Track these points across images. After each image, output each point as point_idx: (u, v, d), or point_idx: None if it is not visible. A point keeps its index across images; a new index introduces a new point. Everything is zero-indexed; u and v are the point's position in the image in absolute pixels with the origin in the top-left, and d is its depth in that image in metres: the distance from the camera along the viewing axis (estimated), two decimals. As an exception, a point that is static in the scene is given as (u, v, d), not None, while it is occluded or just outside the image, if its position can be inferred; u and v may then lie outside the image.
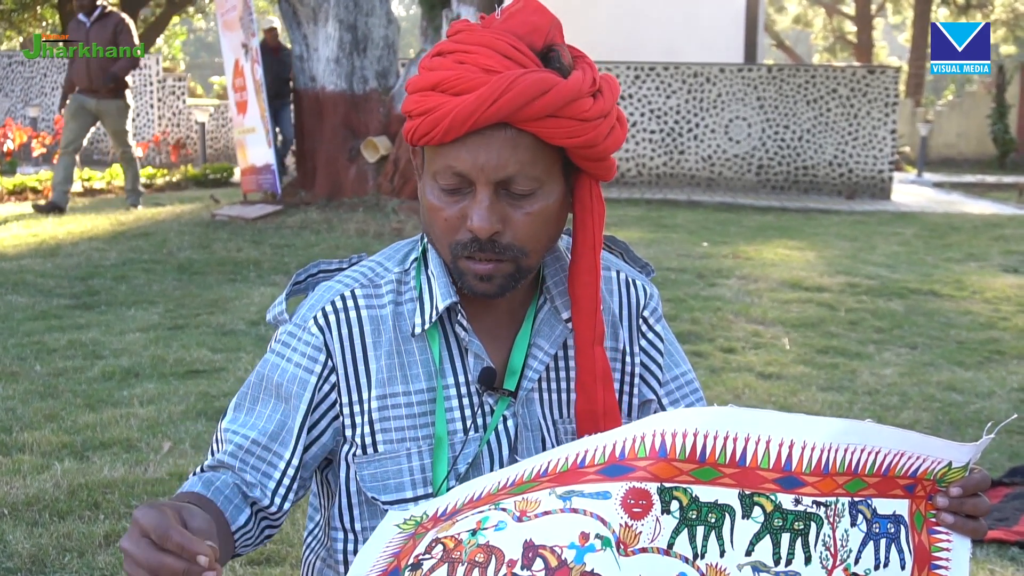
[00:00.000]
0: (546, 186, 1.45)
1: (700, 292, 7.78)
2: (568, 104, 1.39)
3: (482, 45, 1.40)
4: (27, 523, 3.53)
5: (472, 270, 1.46)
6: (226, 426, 1.53)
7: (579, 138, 1.41)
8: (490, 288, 1.47)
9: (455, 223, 1.45)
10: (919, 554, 1.37)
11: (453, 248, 1.46)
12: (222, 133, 20.87)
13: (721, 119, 16.87)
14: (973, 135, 25.98)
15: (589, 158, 1.46)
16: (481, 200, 1.41)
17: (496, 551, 1.23)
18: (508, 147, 1.40)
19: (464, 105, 1.37)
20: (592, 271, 1.52)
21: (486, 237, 1.42)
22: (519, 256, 1.46)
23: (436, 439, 1.50)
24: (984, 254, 10.53)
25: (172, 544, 1.15)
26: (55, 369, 5.39)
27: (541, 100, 1.37)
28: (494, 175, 1.40)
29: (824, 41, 46.36)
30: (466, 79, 1.38)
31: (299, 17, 11.21)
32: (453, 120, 1.37)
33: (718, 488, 1.28)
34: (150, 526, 1.17)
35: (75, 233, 9.91)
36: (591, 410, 1.53)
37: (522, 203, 1.44)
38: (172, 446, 4.31)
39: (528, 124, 1.39)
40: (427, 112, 1.40)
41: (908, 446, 1.35)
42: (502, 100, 1.36)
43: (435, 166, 1.44)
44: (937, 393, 5.40)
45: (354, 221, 10.24)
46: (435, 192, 1.46)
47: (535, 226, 1.45)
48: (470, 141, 1.39)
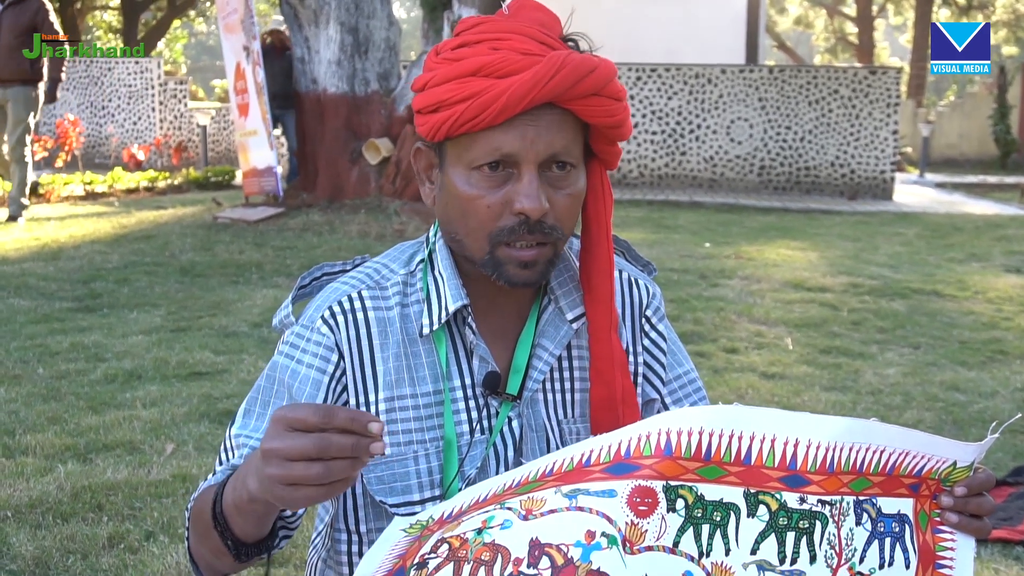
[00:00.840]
0: (579, 168, 1.48)
1: (703, 293, 7.77)
2: (608, 83, 1.43)
3: (513, 32, 1.43)
4: (31, 525, 3.53)
5: (515, 257, 1.45)
6: (237, 432, 1.50)
7: (615, 117, 1.46)
8: (532, 275, 1.47)
9: (497, 209, 1.44)
10: (923, 553, 1.36)
11: (495, 236, 1.45)
12: (224, 136, 20.88)
13: (723, 120, 16.87)
14: (975, 136, 25.97)
15: (611, 140, 1.50)
16: (529, 181, 1.42)
17: (502, 550, 1.23)
18: (555, 125, 1.42)
19: (522, 83, 1.38)
20: (606, 259, 1.54)
21: (537, 217, 1.43)
22: (560, 239, 1.47)
23: (446, 442, 1.49)
24: (986, 254, 10.52)
25: (340, 419, 1.12)
26: (58, 372, 5.39)
27: (590, 78, 1.40)
28: (544, 153, 1.42)
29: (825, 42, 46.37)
30: (511, 61, 1.40)
31: (300, 19, 11.21)
32: (509, 99, 1.38)
33: (723, 487, 1.28)
34: (306, 412, 1.13)
35: (77, 236, 9.92)
36: (609, 397, 1.53)
37: (562, 184, 1.45)
38: (175, 448, 4.31)
39: (573, 102, 1.42)
40: (473, 96, 1.40)
41: (913, 445, 1.35)
42: (558, 77, 1.38)
43: (473, 153, 1.43)
44: (940, 393, 5.40)
45: (356, 223, 10.24)
46: (472, 181, 1.45)
47: (573, 208, 1.48)
48: (518, 121, 1.41)
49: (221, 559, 1.38)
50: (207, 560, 1.41)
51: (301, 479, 1.13)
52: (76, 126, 16.23)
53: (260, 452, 1.17)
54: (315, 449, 1.12)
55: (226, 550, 1.34)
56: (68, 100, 20.16)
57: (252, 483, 1.20)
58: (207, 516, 1.35)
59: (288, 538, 1.49)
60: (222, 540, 1.33)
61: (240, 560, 1.36)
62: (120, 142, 19.28)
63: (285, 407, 1.15)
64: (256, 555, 1.38)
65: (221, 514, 1.32)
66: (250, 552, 1.36)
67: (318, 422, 1.13)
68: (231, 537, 1.33)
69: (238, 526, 1.32)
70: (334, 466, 1.14)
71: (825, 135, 16.72)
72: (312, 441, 1.12)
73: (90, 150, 19.23)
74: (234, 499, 1.28)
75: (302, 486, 1.14)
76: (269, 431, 1.16)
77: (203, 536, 1.38)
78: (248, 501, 1.24)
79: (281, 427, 1.14)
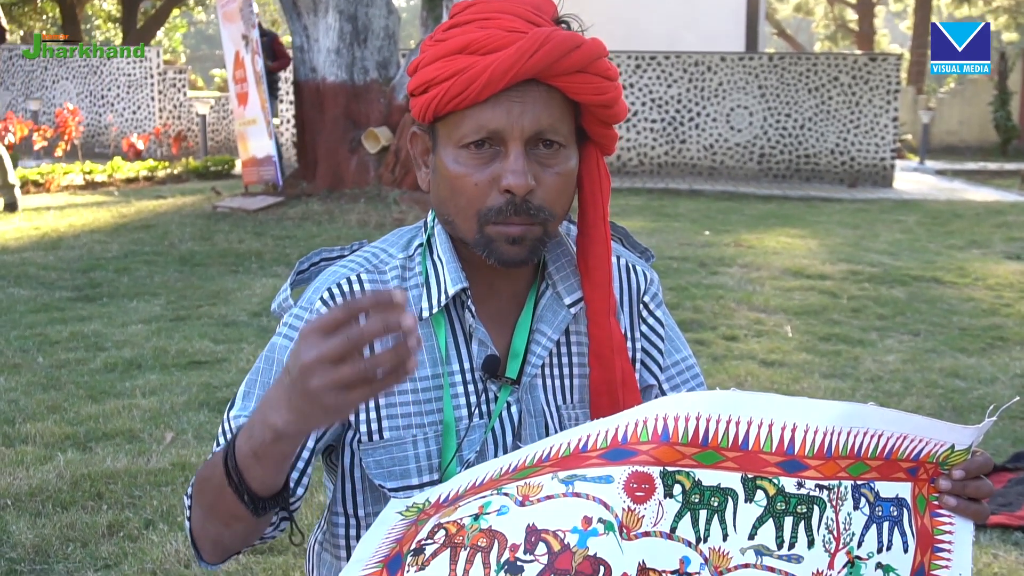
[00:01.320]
0: (569, 147, 1.47)
1: (702, 280, 7.77)
2: (595, 60, 1.43)
3: (503, 12, 1.43)
4: (30, 514, 3.54)
5: (504, 233, 1.44)
6: (236, 414, 1.49)
7: (604, 95, 1.45)
8: (520, 252, 1.46)
9: (485, 188, 1.44)
10: (922, 537, 1.36)
11: (483, 215, 1.44)
12: (223, 125, 20.85)
13: (722, 108, 16.84)
14: (975, 122, 25.93)
15: (604, 120, 1.49)
16: (515, 158, 1.42)
17: (499, 535, 1.23)
18: (541, 101, 1.42)
19: (504, 58, 1.38)
20: (603, 242, 1.53)
21: (523, 195, 1.42)
22: (548, 219, 1.46)
23: (444, 426, 1.49)
24: (986, 241, 10.51)
25: (364, 302, 1.10)
26: (57, 361, 5.39)
27: (575, 54, 1.40)
28: (529, 128, 1.42)
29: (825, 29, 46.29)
30: (496, 37, 1.40)
31: (299, 8, 11.19)
32: (492, 74, 1.39)
33: (721, 472, 1.28)
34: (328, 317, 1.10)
35: (77, 226, 9.91)
36: (608, 380, 1.52)
37: (550, 162, 1.45)
38: (174, 437, 4.31)
39: (559, 79, 1.41)
40: (458, 73, 1.41)
41: (911, 429, 1.34)
42: (540, 52, 1.38)
43: (461, 131, 1.44)
44: (940, 379, 5.40)
45: (355, 212, 10.23)
46: (460, 159, 1.45)
47: (563, 187, 1.47)
48: (503, 97, 1.41)
49: (233, 525, 1.36)
50: (215, 535, 1.40)
51: (351, 377, 1.11)
52: (75, 115, 16.23)
53: (298, 370, 1.13)
54: (356, 340, 1.10)
55: (242, 508, 1.31)
56: (67, 90, 20.14)
57: (279, 417, 1.18)
58: (218, 477, 1.31)
59: (288, 519, 1.47)
60: (238, 496, 1.30)
61: (258, 514, 1.32)
62: (119, 131, 19.25)
63: (309, 321, 1.14)
64: (273, 507, 1.34)
65: (236, 468, 1.29)
66: (267, 506, 1.33)
67: (345, 316, 1.10)
68: (247, 491, 1.30)
69: (256, 477, 1.29)
70: (379, 355, 1.11)
71: (825, 122, 16.70)
72: (350, 335, 1.10)
73: (89, 139, 19.21)
74: (252, 446, 1.26)
75: (353, 388, 1.12)
76: (299, 347, 1.13)
77: (213, 505, 1.36)
78: (272, 442, 1.22)
79: (312, 338, 1.12)
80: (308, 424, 1.18)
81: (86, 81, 20.13)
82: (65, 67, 20.26)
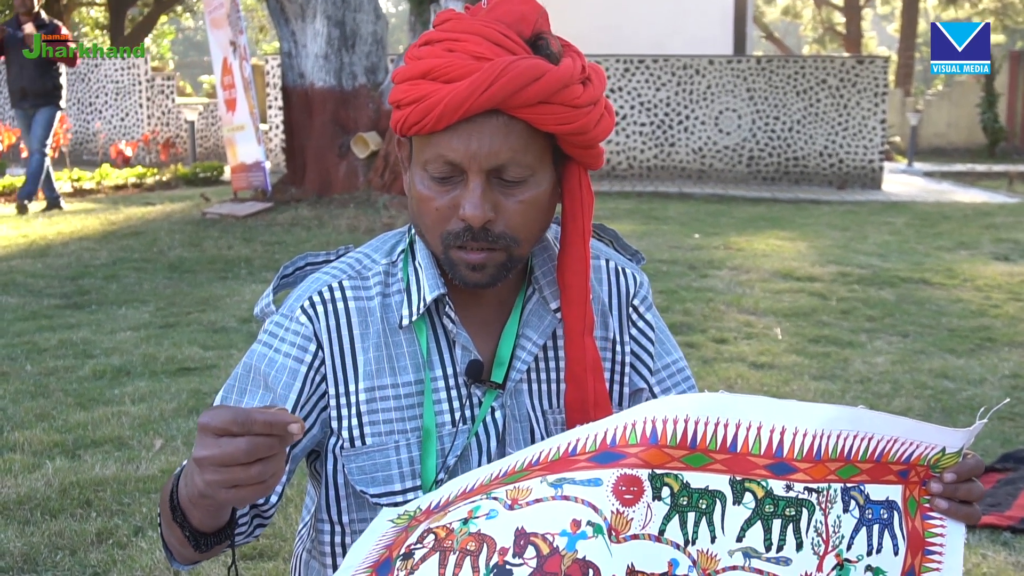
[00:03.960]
0: (538, 174, 1.44)
1: (692, 283, 7.78)
2: (560, 91, 1.38)
3: (471, 33, 1.40)
4: (19, 522, 3.52)
5: (464, 260, 1.44)
6: None
7: (571, 125, 1.41)
8: (482, 278, 1.45)
9: (446, 213, 1.43)
10: (913, 540, 1.36)
11: (444, 238, 1.44)
12: (212, 131, 20.82)
13: (711, 111, 16.87)
14: (963, 124, 26.00)
15: (580, 145, 1.46)
16: (473, 189, 1.40)
17: (487, 539, 1.23)
18: (500, 134, 1.39)
19: (457, 92, 1.36)
20: (582, 260, 1.51)
21: (479, 226, 1.41)
22: (511, 245, 1.44)
23: (424, 432, 1.48)
24: (975, 242, 10.54)
25: (259, 425, 1.14)
26: (46, 368, 5.37)
27: (534, 86, 1.36)
28: (486, 163, 1.39)
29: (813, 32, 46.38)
30: (457, 66, 1.37)
31: (287, 14, 11.18)
32: (446, 107, 1.36)
33: (709, 474, 1.28)
34: (227, 420, 1.14)
35: (65, 233, 9.88)
36: (582, 399, 1.52)
37: (514, 191, 1.43)
38: (164, 443, 4.30)
39: (520, 111, 1.38)
40: (417, 100, 1.39)
41: (901, 432, 1.34)
42: (495, 86, 1.35)
43: (425, 155, 1.43)
44: (929, 381, 5.41)
45: (345, 217, 10.22)
46: (425, 182, 1.44)
47: (527, 215, 1.44)
48: (462, 128, 1.38)
49: (186, 549, 1.39)
50: (176, 548, 1.42)
51: (240, 481, 1.16)
52: (63, 123, 16.17)
53: (193, 461, 1.18)
54: (245, 454, 1.14)
55: (186, 540, 1.35)
56: (55, 96, 20.07)
57: (199, 481, 1.21)
58: (166, 508, 1.36)
59: (263, 527, 1.49)
60: (181, 531, 1.35)
61: (200, 551, 1.37)
62: (108, 138, 19.22)
63: (207, 414, 1.17)
64: (216, 544, 1.39)
65: (179, 506, 1.33)
66: (210, 542, 1.38)
67: (239, 431, 1.14)
68: (189, 528, 1.34)
69: (195, 518, 1.33)
70: (268, 464, 1.16)
71: (813, 125, 16.73)
72: (243, 446, 1.14)
73: (78, 147, 19.16)
74: (187, 493, 1.29)
75: (243, 487, 1.16)
76: (198, 440, 1.17)
77: (167, 526, 1.39)
78: (199, 496, 1.24)
79: (208, 435, 1.16)
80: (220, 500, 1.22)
81: (74, 88, 20.08)
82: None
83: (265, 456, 1.16)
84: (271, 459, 1.17)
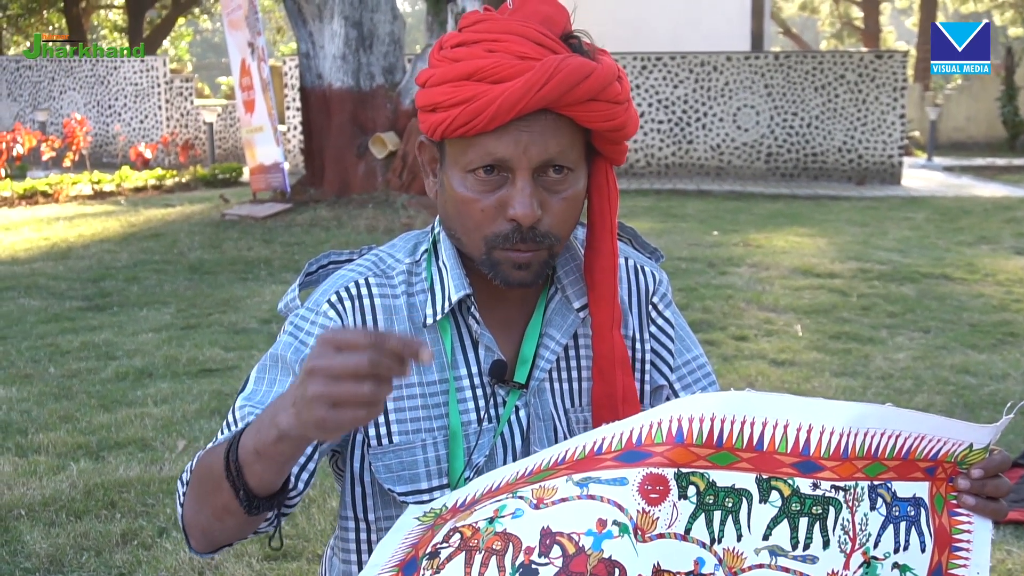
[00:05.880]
0: (577, 170, 1.46)
1: (711, 281, 7.76)
2: (606, 88, 1.40)
3: (510, 33, 1.41)
4: (44, 523, 3.54)
5: (511, 259, 1.44)
6: (241, 403, 1.47)
7: (614, 121, 1.43)
8: (527, 276, 1.46)
9: (492, 214, 1.43)
10: (940, 537, 1.35)
11: (490, 240, 1.44)
12: (230, 133, 20.90)
13: (729, 108, 16.83)
14: (983, 118, 25.85)
15: (614, 141, 1.48)
16: (522, 188, 1.40)
17: (513, 538, 1.23)
18: (550, 131, 1.40)
19: (512, 91, 1.36)
20: (610, 255, 1.52)
21: (529, 224, 1.41)
22: (554, 243, 1.45)
23: (450, 431, 1.49)
24: (996, 237, 10.49)
25: (392, 341, 1.10)
26: (69, 371, 5.40)
27: (584, 84, 1.38)
28: (536, 160, 1.40)
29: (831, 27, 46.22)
30: (505, 66, 1.38)
31: (304, 15, 11.21)
32: (500, 107, 1.37)
33: (735, 473, 1.27)
34: (353, 336, 1.10)
35: (86, 235, 9.94)
36: (609, 394, 1.52)
37: (559, 188, 1.44)
38: (187, 444, 4.31)
39: (570, 108, 1.40)
40: (465, 102, 1.39)
41: (928, 429, 1.33)
42: (550, 84, 1.36)
43: (469, 156, 1.42)
44: (951, 376, 5.38)
45: (364, 217, 10.25)
46: (467, 184, 1.44)
47: (569, 211, 1.46)
48: (512, 127, 1.39)
49: (224, 519, 1.34)
50: (205, 525, 1.38)
51: (348, 397, 1.11)
52: (83, 125, 16.28)
53: (303, 372, 1.14)
54: (368, 366, 1.10)
55: (236, 504, 1.29)
56: (75, 100, 20.20)
57: (284, 418, 1.18)
58: (217, 469, 1.30)
59: (283, 518, 1.46)
60: (233, 491, 1.29)
61: (250, 513, 1.31)
62: (127, 141, 19.31)
63: (332, 330, 1.13)
64: (267, 509, 1.33)
65: (236, 462, 1.28)
66: (261, 505, 1.31)
67: (368, 344, 1.10)
68: (243, 487, 1.29)
69: (255, 475, 1.27)
70: (380, 388, 1.11)
71: (832, 120, 16.67)
72: (365, 358, 1.10)
73: (97, 149, 19.26)
74: (255, 443, 1.25)
75: (346, 407, 1.12)
76: (315, 351, 1.13)
77: (207, 495, 1.34)
78: (275, 441, 1.21)
79: (330, 347, 1.12)
80: (306, 432, 1.18)
81: (93, 91, 20.19)
82: (72, 77, 20.32)
83: (383, 376, 1.11)
84: (383, 383, 1.12)
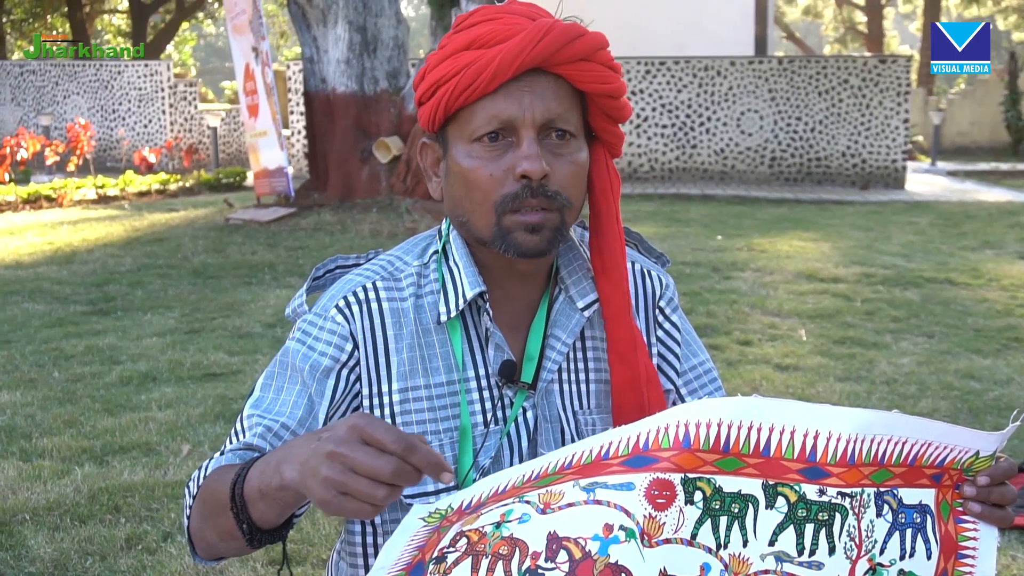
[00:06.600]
0: (579, 138, 1.50)
1: (715, 285, 7.76)
2: (599, 50, 1.46)
3: (506, 12, 1.47)
4: (49, 528, 3.55)
5: (522, 222, 1.45)
6: (249, 412, 1.48)
7: (609, 85, 1.48)
8: (539, 242, 1.46)
9: (500, 177, 1.45)
10: (946, 544, 1.35)
11: (500, 204, 1.45)
12: (234, 137, 20.92)
13: (733, 112, 16.83)
14: (986, 123, 25.85)
15: (611, 115, 1.52)
16: (528, 144, 1.44)
17: (520, 543, 1.23)
18: (550, 90, 1.45)
19: (510, 47, 1.42)
20: (617, 240, 1.54)
21: (538, 178, 1.43)
22: (564, 206, 1.47)
23: (461, 432, 1.49)
24: (1000, 241, 10.48)
25: (419, 454, 1.11)
26: (73, 375, 5.41)
27: (579, 42, 1.44)
28: (540, 117, 1.44)
29: (835, 32, 46.18)
30: (500, 31, 1.44)
31: (308, 19, 11.22)
32: (500, 63, 1.41)
33: (742, 478, 1.27)
34: (387, 434, 1.10)
35: (90, 240, 9.95)
36: (632, 378, 1.53)
37: (562, 151, 1.47)
38: (191, 449, 4.32)
39: (565, 67, 1.44)
40: (466, 67, 1.44)
41: (935, 436, 1.33)
42: (546, 39, 1.42)
43: (473, 124, 1.46)
44: (955, 381, 5.37)
45: (368, 222, 10.25)
46: (474, 153, 1.46)
47: (577, 176, 1.49)
48: (513, 87, 1.44)
49: (228, 543, 1.36)
50: (209, 541, 1.39)
51: (358, 494, 1.11)
52: (87, 130, 16.30)
53: (325, 451, 1.13)
54: (390, 474, 1.10)
55: (239, 534, 1.31)
56: (79, 104, 20.23)
57: (290, 472, 1.18)
58: (223, 497, 1.31)
59: (291, 527, 1.46)
60: (236, 523, 1.30)
61: (252, 545, 1.33)
62: (131, 145, 19.33)
63: (366, 418, 1.13)
64: (268, 542, 1.34)
65: (240, 496, 1.29)
66: (263, 539, 1.33)
67: (397, 451, 1.11)
68: (247, 520, 1.30)
69: (258, 511, 1.29)
70: (392, 493, 1.12)
71: (836, 125, 16.67)
72: (391, 465, 1.10)
73: (101, 154, 19.28)
74: (260, 484, 1.25)
75: (353, 499, 1.12)
76: (342, 436, 1.13)
77: (211, 517, 1.35)
78: (278, 488, 1.22)
79: (357, 436, 1.12)
80: (306, 496, 1.18)
81: (97, 96, 20.21)
82: (76, 82, 20.35)
83: (400, 485, 1.12)
84: (396, 491, 1.12)
